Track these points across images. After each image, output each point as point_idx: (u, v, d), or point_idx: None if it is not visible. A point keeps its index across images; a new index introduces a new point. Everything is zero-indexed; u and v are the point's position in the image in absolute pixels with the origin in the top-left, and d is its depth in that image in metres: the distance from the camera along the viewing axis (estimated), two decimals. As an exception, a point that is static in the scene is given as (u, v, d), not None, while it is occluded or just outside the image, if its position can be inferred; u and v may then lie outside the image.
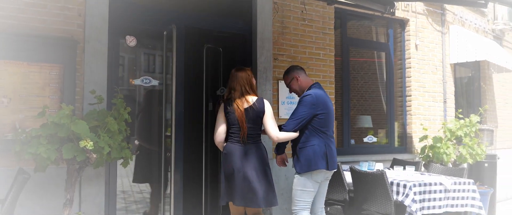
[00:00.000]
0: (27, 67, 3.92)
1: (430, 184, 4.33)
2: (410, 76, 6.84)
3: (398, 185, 4.33)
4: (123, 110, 3.79)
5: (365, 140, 6.54)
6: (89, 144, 3.29)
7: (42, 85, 4.00)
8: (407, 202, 4.16)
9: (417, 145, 6.72)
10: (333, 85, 5.92)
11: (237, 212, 4.07)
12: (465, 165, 6.45)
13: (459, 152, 6.16)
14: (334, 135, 5.79)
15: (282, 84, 5.46)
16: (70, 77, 4.11)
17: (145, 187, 9.77)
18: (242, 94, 3.93)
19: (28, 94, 3.93)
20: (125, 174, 4.93)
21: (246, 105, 3.90)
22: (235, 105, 3.89)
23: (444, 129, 6.47)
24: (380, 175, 4.25)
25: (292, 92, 4.37)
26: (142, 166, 5.18)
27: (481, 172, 6.73)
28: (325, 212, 4.95)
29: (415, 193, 4.18)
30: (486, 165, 6.78)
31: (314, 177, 4.00)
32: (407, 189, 4.21)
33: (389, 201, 4.22)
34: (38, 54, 3.97)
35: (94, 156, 3.41)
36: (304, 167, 3.98)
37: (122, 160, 3.94)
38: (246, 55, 5.41)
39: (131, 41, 4.67)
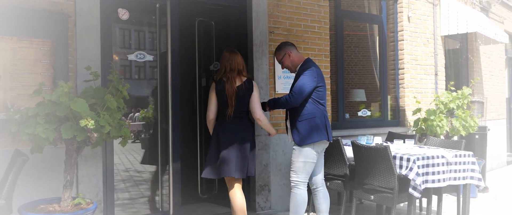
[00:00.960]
0: (17, 43, 3.69)
1: (433, 157, 4.31)
2: (403, 49, 6.78)
3: (401, 158, 4.29)
4: (122, 87, 3.61)
5: (360, 113, 6.50)
6: (90, 123, 3.12)
7: (33, 61, 3.78)
8: (411, 175, 4.13)
9: (410, 118, 6.72)
10: (328, 59, 5.82)
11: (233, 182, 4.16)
12: (455, 138, 6.50)
13: (451, 124, 6.19)
14: (329, 109, 5.78)
15: (278, 58, 5.33)
16: (62, 53, 3.90)
17: (131, 165, 9.61)
18: (237, 74, 4.14)
19: (19, 71, 3.71)
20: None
21: (238, 83, 4.12)
22: (228, 83, 4.07)
23: (436, 102, 6.47)
24: (384, 149, 4.20)
25: (284, 68, 4.41)
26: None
27: (472, 144, 6.80)
28: (326, 187, 4.94)
29: (419, 167, 4.16)
30: (477, 136, 6.85)
31: (316, 147, 4.12)
32: (411, 163, 4.18)
33: (393, 175, 4.19)
34: (28, 29, 3.74)
35: (95, 135, 3.25)
36: (307, 139, 4.08)
37: (120, 139, 3.79)
38: (240, 29, 5.23)
39: (123, 14, 4.45)
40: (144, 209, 5.62)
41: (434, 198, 4.74)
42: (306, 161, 4.11)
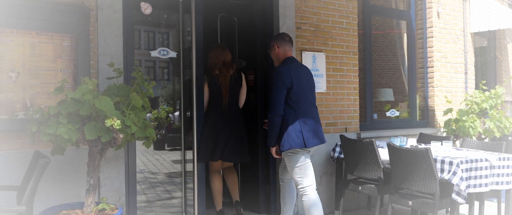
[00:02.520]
0: (36, 37, 3.47)
1: (476, 161, 4.03)
2: (432, 46, 6.48)
3: (442, 162, 4.01)
4: (147, 84, 3.38)
5: (388, 114, 6.22)
6: (116, 123, 2.89)
7: (53, 57, 3.56)
8: (455, 180, 3.85)
9: (440, 119, 6.42)
10: (357, 57, 5.55)
11: (218, 166, 4.77)
12: (487, 140, 6.19)
13: (485, 125, 5.89)
14: (357, 109, 5.49)
15: (305, 56, 5.08)
16: (83, 49, 3.67)
17: (145, 167, 9.39)
18: (229, 68, 4.63)
19: (38, 67, 3.49)
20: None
21: (231, 74, 4.63)
22: (222, 77, 4.55)
23: (467, 101, 6.18)
24: (425, 152, 3.92)
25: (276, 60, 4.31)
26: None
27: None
28: (357, 192, 4.68)
29: (462, 171, 3.88)
30: (510, 138, 6.53)
31: (301, 151, 3.95)
32: (454, 167, 3.90)
33: (434, 179, 3.91)
34: (47, 23, 3.52)
35: (121, 136, 3.01)
36: (280, 147, 3.96)
37: (143, 140, 3.55)
38: (266, 25, 4.97)
39: (146, 8, 4.22)
40: (163, 212, 5.40)
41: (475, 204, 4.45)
42: (300, 165, 3.95)
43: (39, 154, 2.98)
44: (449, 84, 6.64)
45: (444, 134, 6.00)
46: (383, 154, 4.51)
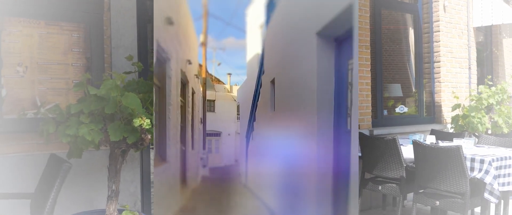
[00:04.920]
0: (45, 28, 3.14)
1: (505, 158, 3.89)
2: (439, 41, 6.35)
3: (472, 160, 3.86)
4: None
5: (397, 110, 6.06)
6: (146, 122, 2.61)
7: (64, 50, 3.22)
8: (487, 179, 3.70)
9: (446, 115, 6.31)
10: (369, 51, 5.34)
11: None
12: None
13: (492, 120, 5.81)
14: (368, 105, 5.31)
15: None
16: (96, 40, 3.35)
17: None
18: None
19: (47, 61, 3.15)
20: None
21: None
22: None
23: (472, 97, 6.08)
24: (456, 150, 3.75)
25: None
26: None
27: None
28: (377, 191, 4.51)
29: (494, 169, 3.73)
30: (515, 134, 6.48)
31: None
32: (485, 165, 3.75)
33: (464, 178, 3.75)
34: (58, 12, 3.19)
35: (149, 137, 2.73)
36: None
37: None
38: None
39: (158, -3, 3.90)
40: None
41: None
42: None
43: (57, 158, 2.66)
44: (454, 80, 6.53)
45: (452, 130, 5.89)
46: (405, 152, 4.33)
